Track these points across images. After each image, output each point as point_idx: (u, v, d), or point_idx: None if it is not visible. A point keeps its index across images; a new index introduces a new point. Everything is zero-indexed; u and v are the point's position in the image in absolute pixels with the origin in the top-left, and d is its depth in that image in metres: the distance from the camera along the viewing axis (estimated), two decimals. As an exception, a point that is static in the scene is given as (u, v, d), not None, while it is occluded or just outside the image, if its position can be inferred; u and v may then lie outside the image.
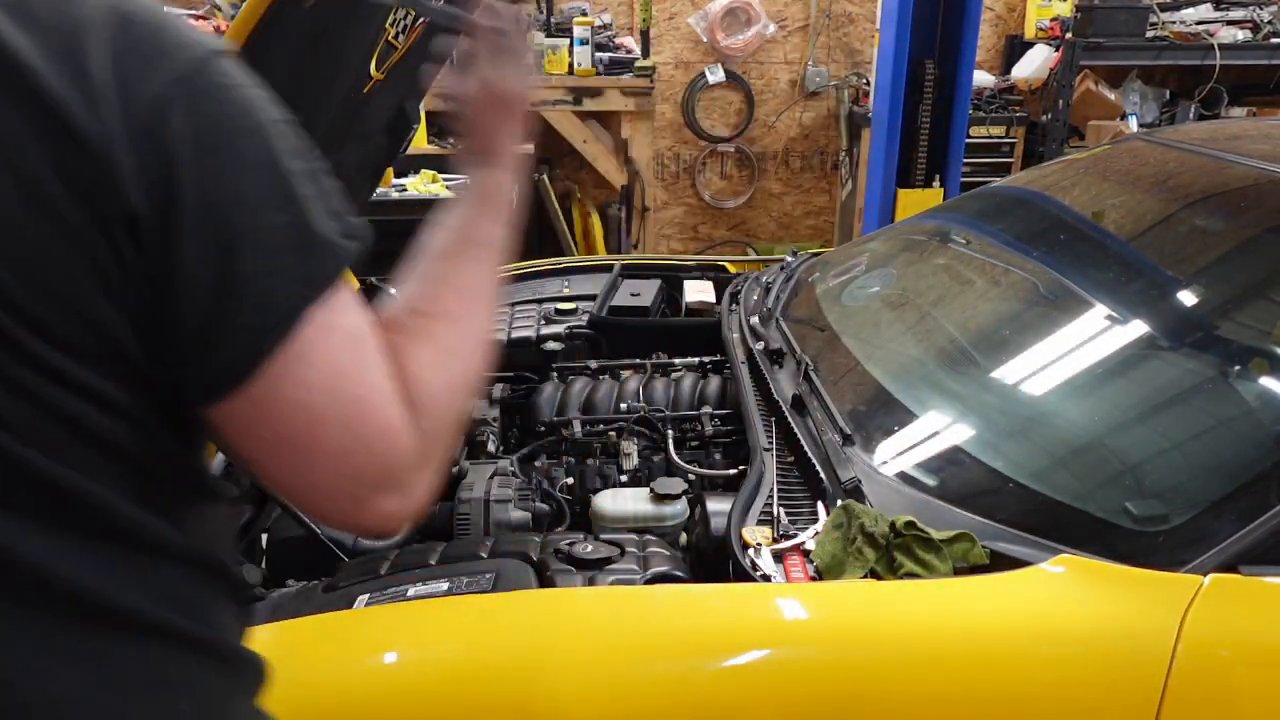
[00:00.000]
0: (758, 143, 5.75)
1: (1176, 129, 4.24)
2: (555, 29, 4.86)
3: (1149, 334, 1.56)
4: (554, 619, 1.21)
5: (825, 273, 2.35)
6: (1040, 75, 5.04)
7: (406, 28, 1.60)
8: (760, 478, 1.49)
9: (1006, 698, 1.14)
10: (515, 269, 2.91)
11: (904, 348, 1.86)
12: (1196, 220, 1.76)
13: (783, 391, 1.74)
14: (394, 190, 4.29)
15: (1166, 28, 4.92)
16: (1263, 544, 1.15)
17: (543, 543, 1.42)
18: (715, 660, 1.14)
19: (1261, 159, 1.78)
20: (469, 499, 1.66)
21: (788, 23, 5.52)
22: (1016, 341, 1.71)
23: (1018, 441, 1.49)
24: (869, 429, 1.56)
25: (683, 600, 1.24)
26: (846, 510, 1.32)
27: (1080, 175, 2.21)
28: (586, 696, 1.12)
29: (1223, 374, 1.44)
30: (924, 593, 1.20)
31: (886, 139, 4.28)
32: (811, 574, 1.28)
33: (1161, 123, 5.23)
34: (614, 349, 2.36)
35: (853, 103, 5.49)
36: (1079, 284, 1.72)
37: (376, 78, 1.61)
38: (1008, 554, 1.23)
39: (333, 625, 1.24)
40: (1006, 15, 5.61)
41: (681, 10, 5.44)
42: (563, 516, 1.73)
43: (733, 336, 2.13)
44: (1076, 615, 1.15)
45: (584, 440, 1.89)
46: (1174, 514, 1.27)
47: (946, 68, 4.23)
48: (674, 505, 1.60)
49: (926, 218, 2.54)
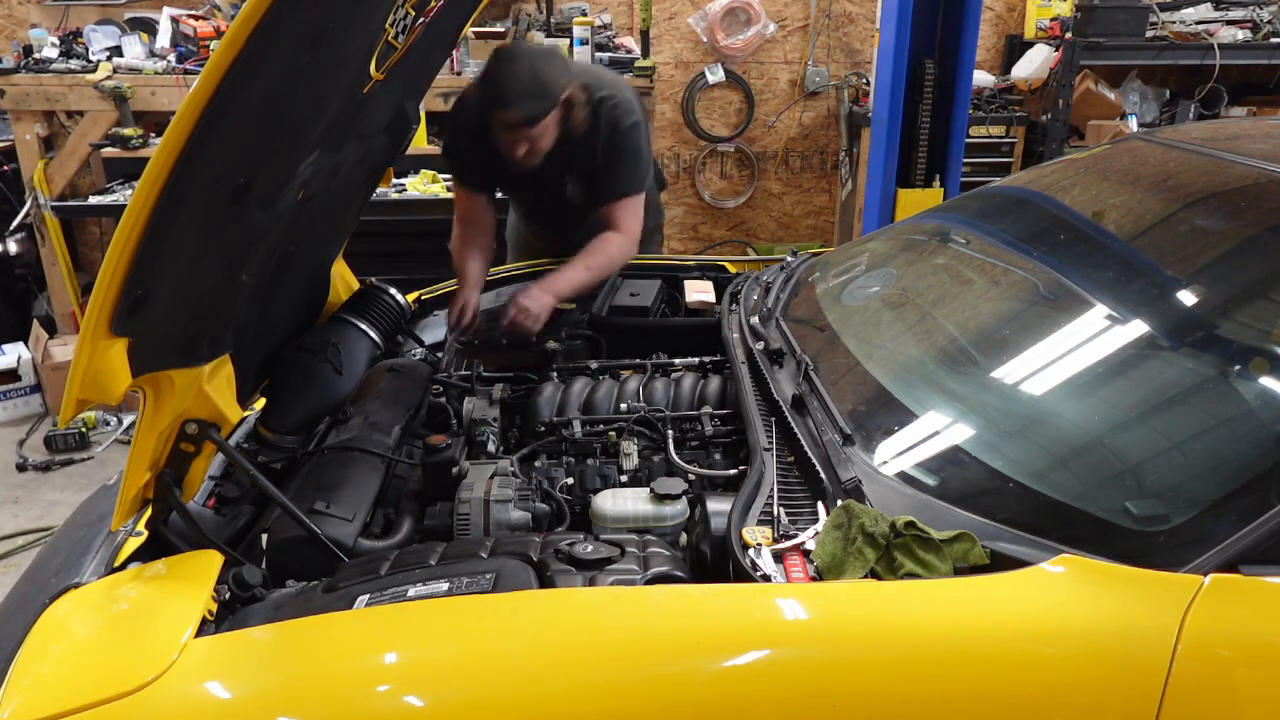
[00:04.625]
0: (758, 143, 5.75)
1: (1176, 129, 4.23)
2: (555, 29, 4.86)
3: (1149, 333, 1.55)
4: (554, 619, 1.21)
5: (825, 273, 2.35)
6: (1040, 75, 5.04)
7: (406, 28, 1.60)
8: (760, 478, 1.49)
9: (1007, 697, 1.14)
10: (515, 269, 2.91)
11: (904, 347, 1.86)
12: (1196, 220, 1.76)
13: (783, 391, 1.74)
14: (394, 190, 4.29)
15: (1166, 27, 4.92)
16: (1263, 544, 1.15)
17: (543, 543, 1.42)
18: (715, 660, 1.14)
19: (1261, 159, 1.78)
20: (469, 499, 1.66)
21: (788, 23, 5.52)
22: (1016, 341, 1.71)
23: (1018, 441, 1.49)
24: (869, 429, 1.56)
25: (683, 600, 1.24)
26: (846, 510, 1.32)
27: (1080, 175, 2.21)
28: (586, 696, 1.12)
29: (1223, 374, 1.44)
30: (924, 593, 1.20)
31: (886, 139, 4.28)
32: (811, 574, 1.28)
33: (1161, 122, 5.23)
34: (614, 349, 2.36)
35: (853, 103, 5.49)
36: (1079, 284, 1.72)
37: (376, 78, 1.61)
38: (1008, 554, 1.23)
39: (333, 625, 1.24)
40: (1006, 15, 5.61)
41: (681, 10, 5.44)
42: (563, 517, 1.73)
43: (733, 336, 2.13)
44: (1077, 615, 1.15)
45: (584, 440, 1.89)
46: (1174, 514, 1.27)
47: (946, 68, 4.23)
48: (674, 505, 1.60)
49: (926, 218, 2.54)
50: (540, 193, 2.64)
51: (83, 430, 4.13)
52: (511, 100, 2.24)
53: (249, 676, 1.19)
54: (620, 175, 2.43)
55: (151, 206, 1.11)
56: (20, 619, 1.38)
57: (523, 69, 2.23)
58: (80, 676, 1.19)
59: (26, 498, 3.75)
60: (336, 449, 1.81)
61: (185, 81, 4.42)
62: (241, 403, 1.68)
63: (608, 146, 2.43)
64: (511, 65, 2.24)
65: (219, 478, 1.81)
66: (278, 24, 1.09)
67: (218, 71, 1.08)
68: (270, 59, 1.14)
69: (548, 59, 2.27)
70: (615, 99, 2.46)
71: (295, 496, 1.63)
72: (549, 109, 2.26)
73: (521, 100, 2.24)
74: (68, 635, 1.32)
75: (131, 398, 1.35)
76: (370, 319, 2.23)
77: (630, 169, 2.43)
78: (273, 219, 1.50)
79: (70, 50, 4.58)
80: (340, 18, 1.29)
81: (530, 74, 2.22)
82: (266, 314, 1.87)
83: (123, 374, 1.24)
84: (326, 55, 1.31)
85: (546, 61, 2.26)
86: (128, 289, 1.15)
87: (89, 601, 1.38)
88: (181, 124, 1.09)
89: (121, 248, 1.11)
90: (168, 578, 1.40)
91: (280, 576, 1.51)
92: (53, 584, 1.45)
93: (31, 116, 4.48)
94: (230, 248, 1.42)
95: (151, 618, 1.31)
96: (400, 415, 1.98)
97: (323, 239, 2.09)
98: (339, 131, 1.64)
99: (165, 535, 1.51)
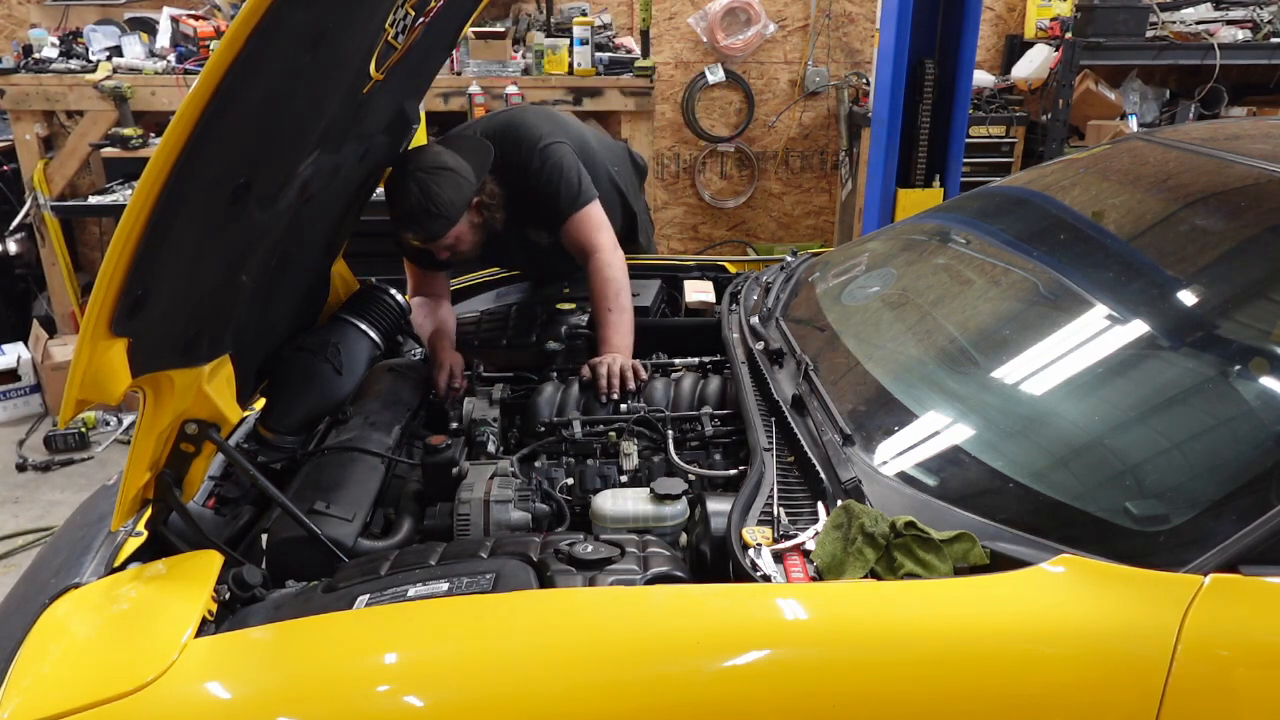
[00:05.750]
0: (758, 143, 5.75)
1: (1176, 129, 4.23)
2: (555, 29, 4.86)
3: (1149, 333, 1.55)
4: (554, 619, 1.21)
5: (825, 273, 2.35)
6: (1040, 75, 5.04)
7: (406, 28, 1.60)
8: (760, 478, 1.49)
9: (1007, 698, 1.14)
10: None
11: (904, 347, 1.86)
12: (1196, 220, 1.76)
13: (783, 391, 1.74)
14: (394, 190, 4.28)
15: (1166, 27, 4.92)
16: (1263, 544, 1.15)
17: (543, 543, 1.42)
18: (715, 660, 1.14)
19: (1261, 159, 1.78)
20: (469, 499, 1.66)
21: (788, 23, 5.52)
22: (1016, 341, 1.71)
23: (1018, 441, 1.49)
24: (869, 429, 1.56)
25: (683, 600, 1.24)
26: (846, 510, 1.32)
27: (1080, 175, 2.20)
28: (586, 696, 1.12)
29: (1223, 374, 1.44)
30: (924, 593, 1.20)
31: (886, 139, 4.28)
32: (811, 574, 1.28)
33: (1161, 122, 5.23)
34: (614, 349, 2.35)
35: (853, 103, 5.49)
36: (1079, 283, 1.72)
37: (376, 78, 1.60)
38: (1008, 554, 1.23)
39: (333, 625, 1.24)
40: (1006, 15, 5.61)
41: (681, 10, 5.44)
42: (563, 517, 1.73)
43: (733, 336, 2.13)
44: (1077, 615, 1.15)
45: (584, 441, 1.89)
46: (1174, 514, 1.27)
47: (946, 68, 4.23)
48: (674, 505, 1.60)
49: (926, 218, 2.54)
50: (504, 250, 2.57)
51: (83, 430, 4.14)
52: (404, 223, 2.16)
53: (249, 676, 1.19)
54: (560, 198, 2.34)
55: (151, 206, 1.11)
56: (20, 619, 1.38)
57: (411, 190, 2.11)
58: (80, 676, 1.19)
59: (26, 498, 3.75)
60: (336, 449, 1.81)
61: (185, 81, 4.42)
62: (241, 403, 1.68)
63: (535, 184, 2.33)
64: (402, 184, 2.13)
65: (219, 478, 1.81)
66: (278, 24, 1.09)
67: (218, 71, 1.08)
68: (270, 59, 1.14)
69: (439, 176, 2.13)
70: (520, 145, 2.34)
71: (295, 496, 1.63)
72: (446, 227, 2.15)
73: (413, 224, 2.15)
74: (68, 635, 1.32)
75: (131, 398, 1.35)
76: (370, 319, 2.23)
77: (566, 188, 2.33)
78: (273, 219, 1.50)
79: (70, 50, 4.58)
80: (340, 18, 1.29)
81: (419, 196, 2.10)
82: (266, 314, 1.87)
83: (123, 374, 1.24)
84: (326, 55, 1.31)
85: (439, 179, 2.12)
86: (128, 289, 1.15)
87: (89, 601, 1.38)
88: (181, 124, 1.09)
89: (121, 248, 1.11)
90: (168, 578, 1.40)
91: (280, 576, 1.51)
92: (53, 584, 1.45)
93: (31, 116, 4.49)
94: (230, 248, 1.42)
95: (151, 618, 1.31)
96: (400, 415, 1.98)
97: (323, 239, 2.09)
98: (339, 131, 1.64)
99: (165, 535, 1.51)
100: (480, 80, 4.56)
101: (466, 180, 2.17)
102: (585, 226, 2.35)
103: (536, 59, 4.63)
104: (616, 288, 2.27)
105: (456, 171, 2.16)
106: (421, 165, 2.15)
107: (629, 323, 2.25)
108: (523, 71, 4.64)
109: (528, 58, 4.68)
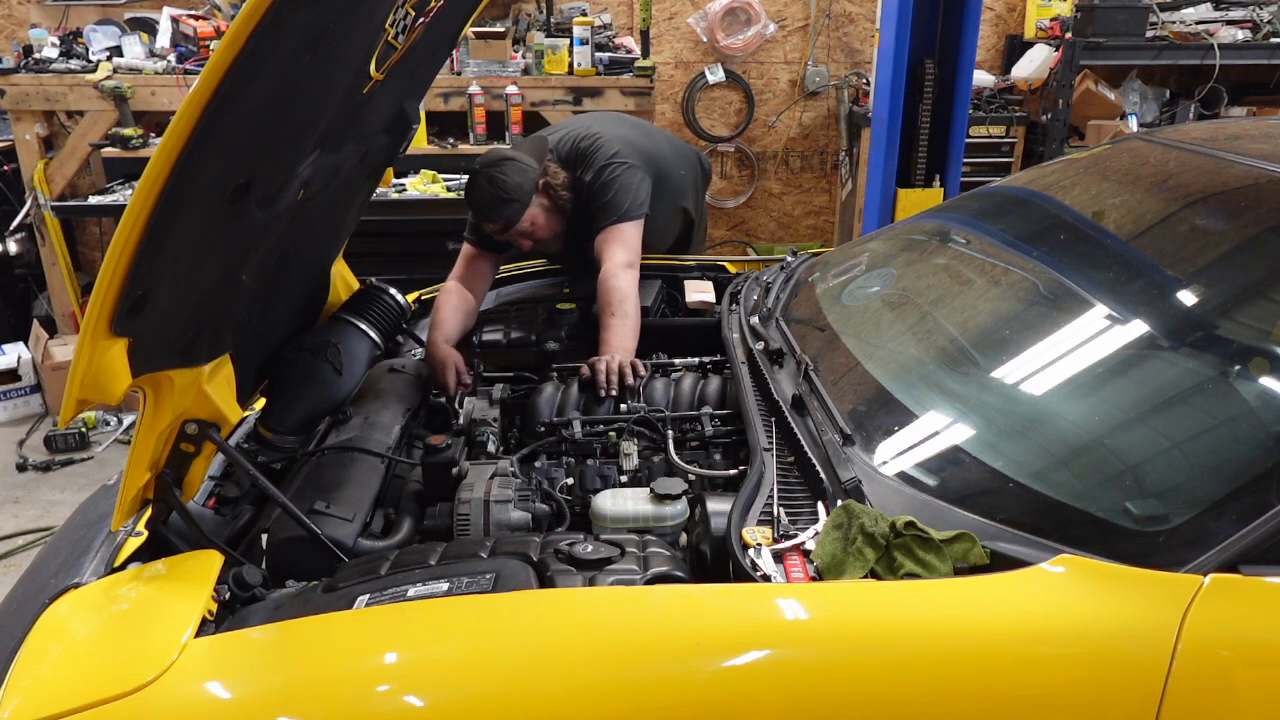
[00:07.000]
0: (758, 142, 5.75)
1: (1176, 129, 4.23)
2: (555, 29, 4.86)
3: (1149, 333, 1.55)
4: (554, 619, 1.21)
5: (825, 273, 2.35)
6: (1040, 75, 5.04)
7: (406, 28, 1.60)
8: (760, 478, 1.49)
9: (1007, 698, 1.14)
10: (515, 269, 2.91)
11: (904, 348, 1.86)
12: (1196, 220, 1.76)
13: (783, 391, 1.74)
14: (394, 190, 4.29)
15: (1166, 27, 4.92)
16: (1263, 544, 1.15)
17: (543, 543, 1.42)
18: (715, 660, 1.14)
19: (1261, 159, 1.78)
20: (469, 499, 1.66)
21: (788, 23, 5.52)
22: (1016, 341, 1.71)
23: (1018, 441, 1.49)
24: (869, 429, 1.56)
25: (683, 600, 1.24)
26: (846, 510, 1.32)
27: (1080, 175, 2.20)
28: (586, 696, 1.12)
29: (1223, 374, 1.44)
30: (924, 593, 1.20)
31: (886, 139, 4.28)
32: (811, 574, 1.28)
33: (1161, 122, 5.23)
34: (614, 349, 2.35)
35: (853, 103, 5.49)
36: (1079, 284, 1.72)
37: (376, 78, 1.61)
38: (1008, 554, 1.23)
39: (333, 625, 1.24)
40: (1006, 15, 5.61)
41: (681, 10, 5.44)
42: (563, 517, 1.73)
43: (733, 336, 2.13)
44: (1077, 615, 1.15)
45: (584, 441, 1.89)
46: (1174, 514, 1.27)
47: (946, 68, 4.23)
48: (674, 505, 1.60)
49: (926, 218, 2.54)
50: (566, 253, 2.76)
51: (83, 430, 4.14)
52: (483, 216, 2.48)
53: (249, 677, 1.19)
54: (606, 207, 2.51)
55: (151, 206, 1.11)
56: (20, 619, 1.38)
57: (481, 185, 2.44)
58: (80, 676, 1.19)
59: (26, 498, 3.76)
60: (336, 449, 1.81)
61: (185, 81, 4.42)
62: (241, 403, 1.68)
63: (591, 183, 2.54)
64: (474, 185, 2.46)
65: (219, 478, 1.81)
66: (278, 24, 1.09)
67: (218, 71, 1.08)
68: (270, 59, 1.14)
69: (503, 165, 2.44)
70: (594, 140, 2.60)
71: (295, 496, 1.63)
72: (519, 211, 2.45)
73: (490, 213, 2.45)
74: (68, 635, 1.31)
75: (131, 398, 1.35)
76: (370, 319, 2.24)
77: (616, 200, 2.51)
78: (273, 219, 1.50)
79: (70, 50, 4.58)
80: (340, 18, 1.28)
81: (489, 186, 2.42)
82: (266, 314, 1.87)
83: (123, 374, 1.24)
84: (326, 55, 1.31)
85: (503, 167, 2.44)
86: (128, 289, 1.15)
87: (89, 601, 1.38)
88: (181, 124, 1.09)
89: (121, 248, 1.11)
90: (168, 578, 1.40)
91: (280, 576, 1.51)
92: (53, 584, 1.45)
93: (31, 116, 4.49)
94: (230, 248, 1.42)
95: (151, 618, 1.31)
96: (400, 415, 1.98)
97: (323, 239, 2.10)
98: (339, 131, 1.64)
99: (165, 535, 1.51)
100: (480, 80, 4.56)
101: (529, 165, 2.48)
102: (611, 239, 2.48)
103: (536, 59, 4.63)
104: (621, 296, 2.33)
105: (517, 159, 2.48)
106: (485, 162, 2.48)
107: (631, 329, 2.30)
108: (523, 71, 4.64)
109: (528, 58, 4.68)
